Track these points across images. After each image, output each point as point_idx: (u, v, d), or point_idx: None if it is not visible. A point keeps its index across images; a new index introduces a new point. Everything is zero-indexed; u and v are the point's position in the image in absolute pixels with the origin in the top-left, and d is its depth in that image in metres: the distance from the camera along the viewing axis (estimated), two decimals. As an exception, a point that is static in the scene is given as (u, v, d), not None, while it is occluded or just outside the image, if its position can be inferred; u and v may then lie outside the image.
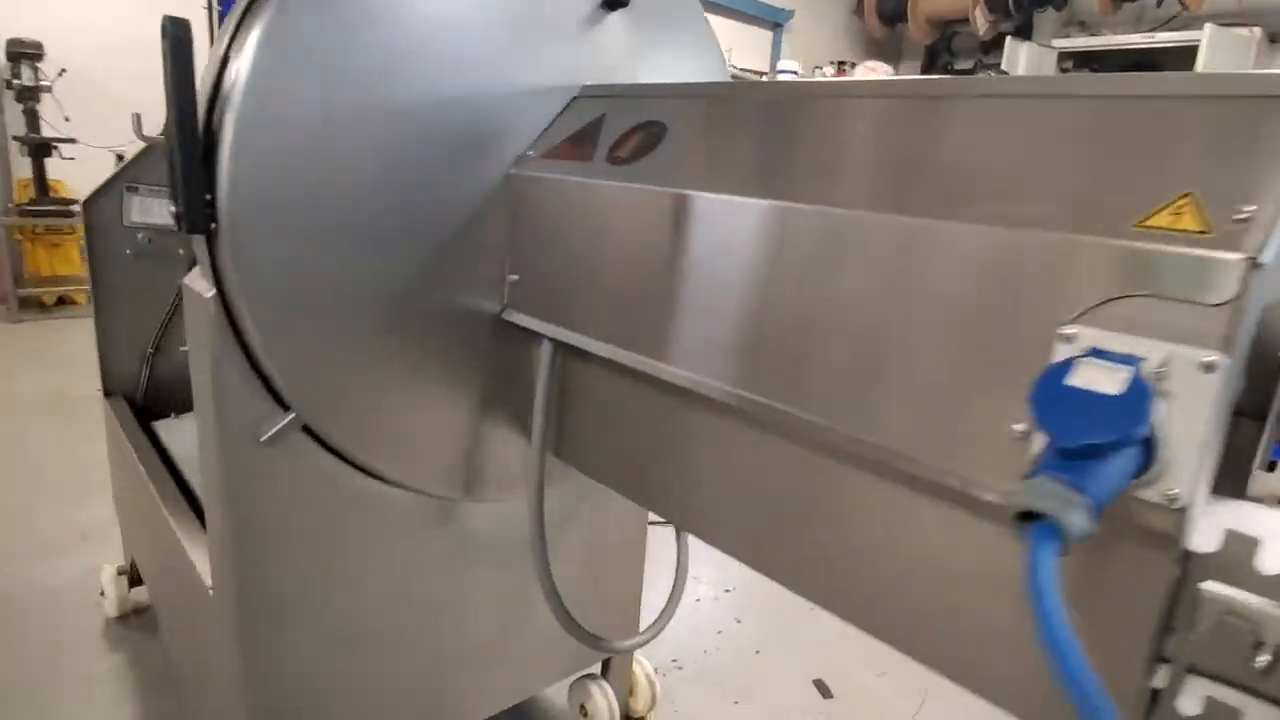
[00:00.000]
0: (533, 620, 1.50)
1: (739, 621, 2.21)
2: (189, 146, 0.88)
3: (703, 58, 1.35)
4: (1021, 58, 4.16)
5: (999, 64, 4.31)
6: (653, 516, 1.72)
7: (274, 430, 1.03)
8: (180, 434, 1.82)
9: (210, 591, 1.19)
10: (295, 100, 0.93)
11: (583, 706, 1.71)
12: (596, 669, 1.70)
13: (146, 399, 2.01)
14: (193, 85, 0.88)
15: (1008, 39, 4.19)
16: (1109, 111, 0.64)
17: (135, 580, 2.01)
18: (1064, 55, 4.27)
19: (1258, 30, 3.73)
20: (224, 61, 0.92)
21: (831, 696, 1.93)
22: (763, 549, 0.91)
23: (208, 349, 0.99)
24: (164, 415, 1.94)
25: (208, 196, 0.91)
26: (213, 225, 0.92)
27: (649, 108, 1.04)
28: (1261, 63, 3.83)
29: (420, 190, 1.05)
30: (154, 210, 1.96)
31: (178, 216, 0.90)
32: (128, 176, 1.89)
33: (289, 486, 1.09)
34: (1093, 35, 4.07)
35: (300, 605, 1.16)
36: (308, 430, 1.07)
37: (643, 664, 1.77)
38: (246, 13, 0.93)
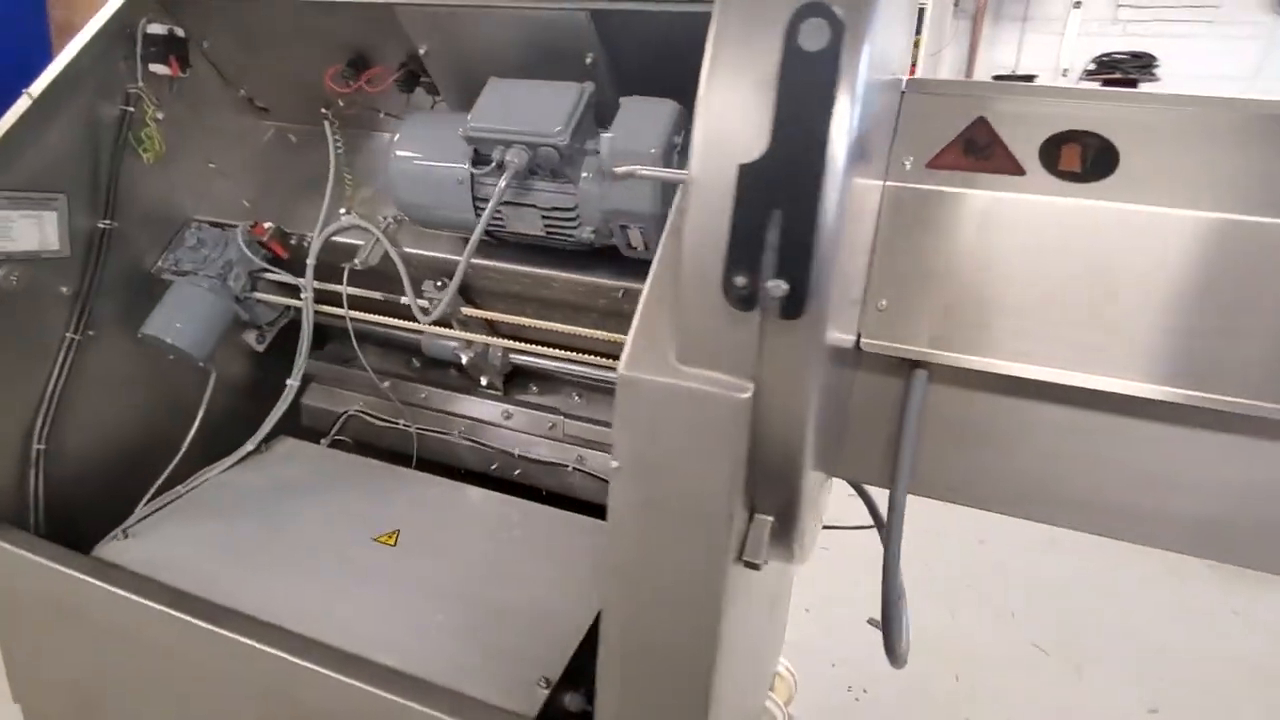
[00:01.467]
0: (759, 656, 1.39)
1: (765, 587, 2.25)
2: (814, 192, 0.62)
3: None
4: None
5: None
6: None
7: (765, 543, 0.80)
8: (163, 564, 1.23)
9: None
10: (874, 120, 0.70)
11: (746, 723, 1.63)
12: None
13: (50, 520, 1.32)
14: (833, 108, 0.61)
15: None
16: None
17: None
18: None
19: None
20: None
21: (889, 631, 2.10)
22: (1240, 544, 0.98)
23: (727, 460, 0.72)
24: (90, 538, 1.30)
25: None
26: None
27: (1051, 115, 0.97)
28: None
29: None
30: (20, 231, 1.25)
31: (784, 297, 0.63)
32: (-28, 181, 1.18)
33: (746, 604, 0.86)
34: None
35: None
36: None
37: (782, 660, 1.74)
38: None
